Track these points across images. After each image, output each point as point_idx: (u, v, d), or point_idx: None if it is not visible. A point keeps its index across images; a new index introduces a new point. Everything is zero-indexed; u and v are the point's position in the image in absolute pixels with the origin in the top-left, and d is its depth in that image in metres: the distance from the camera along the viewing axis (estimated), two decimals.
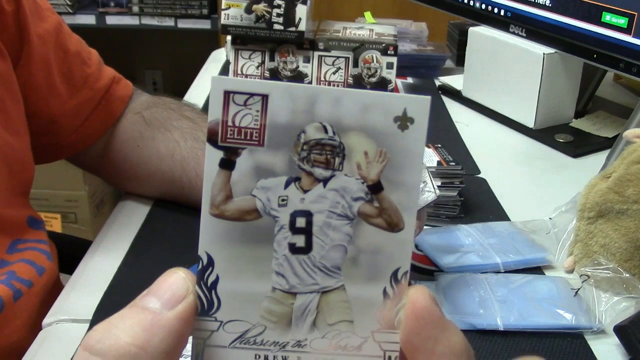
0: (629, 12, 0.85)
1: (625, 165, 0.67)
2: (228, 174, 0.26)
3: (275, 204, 0.26)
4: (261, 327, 0.27)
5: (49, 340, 0.59)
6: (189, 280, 0.26)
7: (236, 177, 0.26)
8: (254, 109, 0.25)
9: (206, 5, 2.16)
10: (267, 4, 0.90)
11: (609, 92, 1.20)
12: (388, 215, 0.26)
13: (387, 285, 0.26)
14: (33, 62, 0.71)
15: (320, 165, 0.26)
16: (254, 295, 0.27)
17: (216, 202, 0.26)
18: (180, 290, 0.25)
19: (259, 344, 0.27)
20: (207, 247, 0.26)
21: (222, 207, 0.26)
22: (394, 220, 0.26)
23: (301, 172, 0.26)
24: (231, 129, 0.26)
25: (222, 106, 0.26)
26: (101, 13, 2.17)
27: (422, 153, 0.26)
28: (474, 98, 1.15)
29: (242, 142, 0.26)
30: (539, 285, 0.65)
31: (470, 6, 1.14)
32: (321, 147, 0.26)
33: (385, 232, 0.26)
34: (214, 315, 0.26)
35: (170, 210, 0.78)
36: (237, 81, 0.26)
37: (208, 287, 0.26)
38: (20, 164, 0.70)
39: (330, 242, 0.26)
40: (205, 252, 0.26)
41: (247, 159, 0.26)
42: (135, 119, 0.80)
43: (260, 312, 0.27)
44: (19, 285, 0.66)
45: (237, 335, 0.27)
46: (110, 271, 0.67)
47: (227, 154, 0.26)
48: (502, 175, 0.90)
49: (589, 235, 0.68)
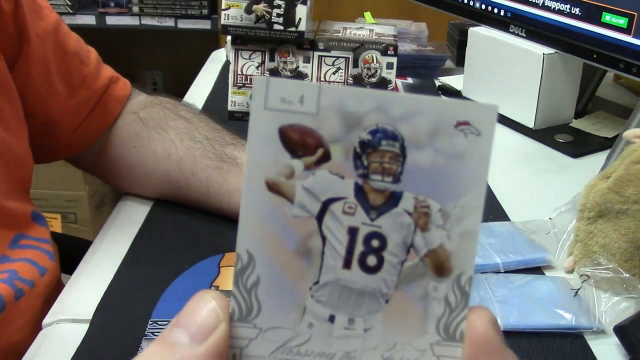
0: (629, 12, 0.85)
1: (625, 166, 0.67)
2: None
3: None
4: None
5: (49, 340, 0.59)
6: (220, 305, 0.23)
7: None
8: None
9: (206, 6, 2.16)
10: (267, 4, 0.90)
11: (609, 92, 1.20)
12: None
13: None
14: (32, 61, 0.70)
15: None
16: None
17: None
18: (210, 320, 0.23)
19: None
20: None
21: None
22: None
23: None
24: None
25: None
26: (101, 13, 2.17)
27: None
28: (474, 98, 1.15)
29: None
30: (538, 285, 0.65)
31: (470, 6, 1.14)
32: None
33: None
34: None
35: (170, 210, 0.78)
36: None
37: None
38: (18, 160, 0.70)
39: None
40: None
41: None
42: (132, 119, 0.80)
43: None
44: (21, 285, 0.66)
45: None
46: (110, 271, 0.67)
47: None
48: (502, 175, 0.90)
49: (589, 235, 0.68)
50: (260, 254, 0.24)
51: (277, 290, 0.24)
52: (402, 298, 0.24)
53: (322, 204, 0.24)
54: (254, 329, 0.24)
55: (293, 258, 0.24)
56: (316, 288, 0.24)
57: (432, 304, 0.24)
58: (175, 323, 0.23)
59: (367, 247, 0.24)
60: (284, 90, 0.23)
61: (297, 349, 0.24)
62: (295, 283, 0.24)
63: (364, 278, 0.24)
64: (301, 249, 0.24)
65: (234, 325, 0.24)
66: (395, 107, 0.23)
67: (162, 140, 0.77)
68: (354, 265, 0.24)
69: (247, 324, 0.24)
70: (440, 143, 0.24)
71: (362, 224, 0.24)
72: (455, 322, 0.24)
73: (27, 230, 0.71)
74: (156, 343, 0.23)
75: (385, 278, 0.24)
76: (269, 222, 0.24)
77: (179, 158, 0.75)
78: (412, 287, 0.24)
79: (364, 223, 0.24)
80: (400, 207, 0.24)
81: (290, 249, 0.24)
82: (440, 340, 0.24)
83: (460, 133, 0.24)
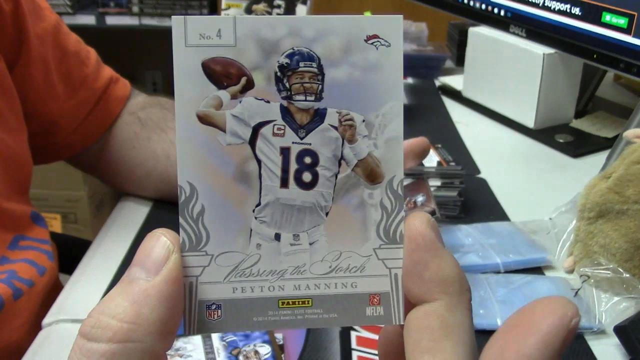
0: (629, 12, 0.85)
1: (625, 166, 0.67)
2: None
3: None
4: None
5: (49, 340, 0.59)
6: (170, 239, 0.25)
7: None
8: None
9: (206, 5, 2.16)
10: (267, 4, 0.90)
11: (609, 92, 1.20)
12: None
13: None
14: (31, 62, 0.70)
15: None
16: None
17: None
18: (162, 253, 0.24)
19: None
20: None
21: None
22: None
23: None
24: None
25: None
26: (101, 13, 2.17)
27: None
28: (474, 98, 1.15)
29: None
30: (539, 285, 0.65)
31: (470, 6, 1.14)
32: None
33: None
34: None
35: (170, 211, 0.78)
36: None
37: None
38: (17, 161, 0.70)
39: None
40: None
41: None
42: (131, 120, 0.80)
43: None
44: (20, 285, 0.66)
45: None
46: (110, 271, 0.67)
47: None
48: (502, 175, 0.90)
49: (589, 235, 0.68)
50: (201, 184, 0.25)
51: (222, 216, 0.25)
52: (341, 209, 0.25)
53: (252, 129, 0.25)
54: (206, 256, 0.25)
55: (233, 184, 0.25)
56: (259, 210, 0.25)
57: (370, 211, 0.25)
58: (132, 264, 0.24)
59: (300, 164, 0.25)
60: (202, 26, 0.25)
61: (249, 270, 0.25)
62: (238, 207, 0.25)
63: (302, 194, 0.25)
64: (239, 175, 0.25)
65: (186, 255, 0.25)
66: (306, 29, 0.25)
67: (161, 140, 0.77)
68: (291, 183, 0.25)
69: (198, 253, 0.25)
70: (354, 58, 0.25)
71: (292, 143, 0.25)
72: (394, 225, 0.25)
73: (27, 231, 0.71)
74: (118, 284, 0.24)
75: (322, 192, 0.25)
76: (205, 153, 0.25)
77: None
78: (348, 198, 0.26)
79: (294, 142, 0.25)
80: (326, 123, 0.25)
81: (229, 175, 0.25)
82: (383, 244, 0.25)
83: (371, 46, 0.25)
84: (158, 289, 0.23)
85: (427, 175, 0.79)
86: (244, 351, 0.55)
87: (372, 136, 0.25)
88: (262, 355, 0.55)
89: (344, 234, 0.25)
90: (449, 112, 1.13)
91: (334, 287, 0.25)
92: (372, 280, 0.25)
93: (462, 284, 0.24)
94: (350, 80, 0.25)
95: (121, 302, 0.23)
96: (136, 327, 0.23)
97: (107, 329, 0.23)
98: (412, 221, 0.25)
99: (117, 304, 0.23)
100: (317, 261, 0.25)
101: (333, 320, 0.25)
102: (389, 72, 0.25)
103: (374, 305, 0.25)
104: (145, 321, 0.23)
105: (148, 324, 0.23)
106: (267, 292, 0.25)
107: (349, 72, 0.25)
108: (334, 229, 0.26)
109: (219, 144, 0.25)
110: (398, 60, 0.25)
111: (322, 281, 0.25)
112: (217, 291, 0.25)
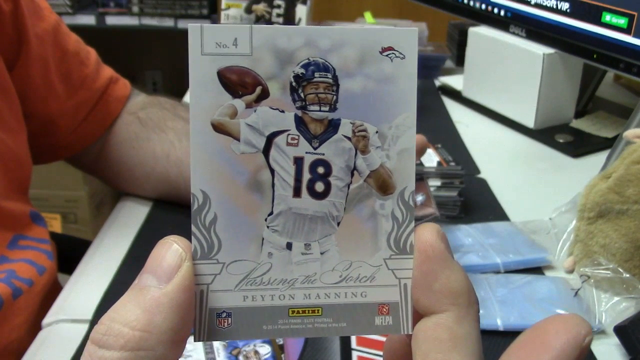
0: (629, 12, 0.85)
1: (625, 166, 0.67)
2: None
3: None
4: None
5: (49, 340, 0.59)
6: (182, 247, 0.25)
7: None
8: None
9: (206, 5, 2.16)
10: (267, 4, 0.90)
11: (609, 92, 1.20)
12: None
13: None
14: (31, 62, 0.70)
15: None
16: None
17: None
18: (174, 261, 0.24)
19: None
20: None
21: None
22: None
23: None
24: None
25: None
26: (101, 13, 2.17)
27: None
28: (474, 98, 1.15)
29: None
30: (539, 285, 0.65)
31: (470, 6, 1.14)
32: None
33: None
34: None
35: (170, 211, 0.78)
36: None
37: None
38: (17, 161, 0.70)
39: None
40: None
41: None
42: (131, 120, 0.80)
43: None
44: (19, 284, 0.66)
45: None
46: (110, 271, 0.67)
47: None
48: (502, 176, 0.90)
49: (589, 235, 0.68)
50: (214, 192, 0.25)
51: (234, 225, 0.25)
52: (352, 219, 0.26)
53: (266, 138, 0.25)
54: (217, 264, 0.25)
55: (245, 193, 0.25)
56: (271, 219, 0.25)
57: (381, 221, 0.26)
58: (143, 271, 0.25)
59: (313, 174, 0.25)
60: (218, 34, 0.25)
61: (260, 278, 0.25)
62: (250, 216, 0.25)
63: (314, 204, 0.26)
64: (252, 183, 0.25)
65: (197, 263, 0.25)
66: (323, 40, 0.25)
67: (161, 140, 0.77)
68: (304, 192, 0.25)
69: (210, 261, 0.25)
70: (369, 69, 0.25)
71: (306, 153, 0.25)
72: (404, 235, 0.26)
73: (26, 230, 0.71)
74: (129, 291, 0.24)
75: (334, 202, 0.26)
76: (218, 161, 0.25)
77: (178, 159, 0.75)
78: (360, 208, 0.26)
79: (307, 152, 0.25)
80: (339, 134, 0.26)
81: (242, 184, 0.25)
82: (393, 255, 0.26)
83: (386, 58, 0.25)
84: (170, 297, 0.24)
85: (427, 175, 0.79)
86: (244, 351, 0.55)
87: (385, 147, 0.26)
88: (262, 355, 0.55)
89: (355, 244, 0.26)
90: (449, 112, 1.13)
91: (343, 296, 0.26)
92: (381, 290, 0.26)
93: (470, 296, 0.24)
94: (364, 91, 0.25)
95: (133, 310, 0.23)
96: (148, 335, 0.23)
97: (119, 336, 0.23)
98: (422, 232, 0.25)
99: (129, 312, 0.23)
100: (328, 270, 0.26)
101: (342, 330, 0.26)
102: (403, 84, 0.25)
103: (383, 315, 0.26)
104: (157, 329, 0.23)
105: (160, 332, 0.23)
106: (278, 300, 0.25)
107: (363, 84, 0.25)
108: (345, 238, 0.26)
109: (233, 153, 0.25)
110: (412, 72, 0.25)
111: (332, 290, 0.26)
112: (227, 299, 0.25)
